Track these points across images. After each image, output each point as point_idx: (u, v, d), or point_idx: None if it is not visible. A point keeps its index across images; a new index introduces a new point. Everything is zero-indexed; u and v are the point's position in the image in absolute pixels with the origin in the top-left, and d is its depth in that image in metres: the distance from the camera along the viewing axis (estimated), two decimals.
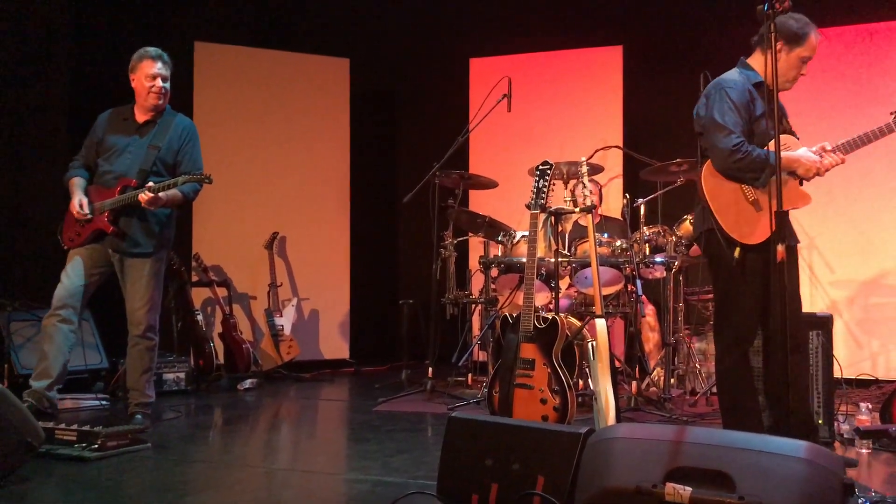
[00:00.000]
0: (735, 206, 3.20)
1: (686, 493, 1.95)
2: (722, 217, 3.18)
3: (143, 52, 4.11)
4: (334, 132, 6.92)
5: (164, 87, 4.11)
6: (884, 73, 5.78)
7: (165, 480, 3.11)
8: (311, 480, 3.19)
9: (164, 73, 4.11)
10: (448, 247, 5.47)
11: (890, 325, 5.66)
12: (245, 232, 6.49)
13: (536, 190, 3.83)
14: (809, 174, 3.24)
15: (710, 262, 3.35)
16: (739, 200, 3.19)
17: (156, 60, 4.08)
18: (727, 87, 3.27)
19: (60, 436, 3.44)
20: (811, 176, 3.24)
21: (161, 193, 3.90)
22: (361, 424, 4.39)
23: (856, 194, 5.68)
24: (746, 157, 3.14)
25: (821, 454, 1.96)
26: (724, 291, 3.31)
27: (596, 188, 5.65)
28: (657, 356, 5.19)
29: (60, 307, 4.00)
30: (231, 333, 6.00)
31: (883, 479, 3.27)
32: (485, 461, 2.47)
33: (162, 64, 4.10)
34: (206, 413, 4.86)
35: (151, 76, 4.07)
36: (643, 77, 6.64)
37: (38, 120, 5.98)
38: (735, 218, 3.18)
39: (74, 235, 4.09)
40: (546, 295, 4.93)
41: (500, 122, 5.80)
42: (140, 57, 4.10)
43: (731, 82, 3.30)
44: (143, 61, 4.08)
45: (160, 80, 4.09)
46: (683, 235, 4.95)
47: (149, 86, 4.08)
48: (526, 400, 3.57)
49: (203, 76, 6.50)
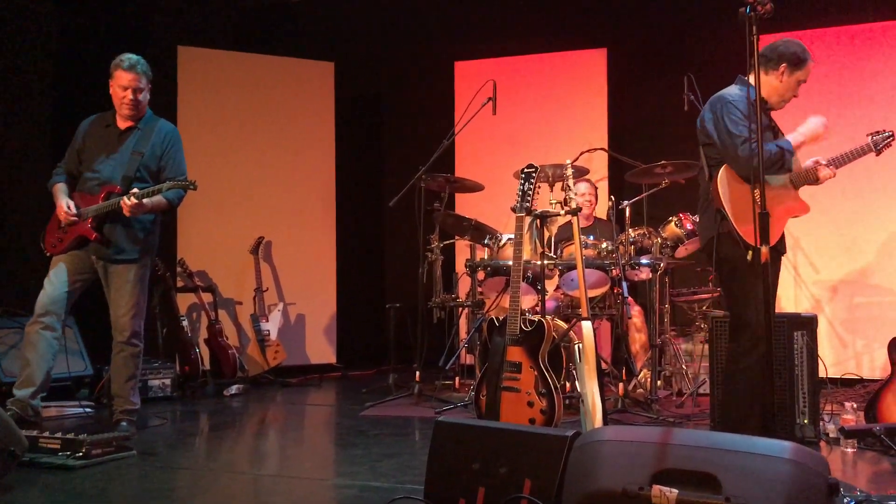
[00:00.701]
0: (750, 212, 3.26)
1: (672, 496, 1.95)
2: (738, 222, 3.30)
3: (118, 60, 4.02)
4: (319, 136, 6.91)
5: (133, 100, 4.02)
6: (866, 73, 5.84)
7: (151, 488, 3.09)
8: (298, 486, 3.18)
9: (137, 84, 4.01)
10: (434, 250, 5.47)
11: (874, 325, 5.70)
12: (230, 237, 6.46)
13: (522, 193, 3.84)
14: (824, 181, 3.52)
15: (722, 265, 3.43)
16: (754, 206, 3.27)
17: (128, 72, 3.99)
18: (733, 101, 3.42)
19: (44, 444, 3.41)
20: (823, 182, 3.51)
21: (146, 200, 3.87)
22: (349, 429, 4.38)
23: (839, 195, 5.71)
24: (766, 158, 3.22)
25: (806, 455, 1.98)
26: (739, 292, 3.38)
27: (592, 189, 5.68)
28: (644, 357, 5.21)
29: (43, 314, 3.96)
30: (217, 339, 5.97)
31: (868, 478, 3.30)
32: (472, 465, 2.47)
33: (135, 75, 4.00)
34: (192, 419, 4.83)
35: (123, 87, 4.00)
36: (627, 79, 6.67)
37: (21, 126, 5.94)
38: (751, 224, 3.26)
39: (57, 242, 4.06)
40: (532, 298, 4.93)
41: (486, 126, 5.81)
42: (115, 66, 4.01)
43: (735, 96, 3.45)
44: (117, 71, 4.01)
45: (131, 92, 4.00)
46: (669, 237, 4.97)
47: (121, 97, 4.03)
48: (513, 403, 3.57)
49: (187, 81, 6.47)
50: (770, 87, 3.48)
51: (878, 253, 5.77)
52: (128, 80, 4.01)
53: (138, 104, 4.06)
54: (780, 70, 3.47)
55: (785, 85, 3.48)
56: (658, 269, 4.82)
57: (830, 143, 3.64)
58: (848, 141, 5.63)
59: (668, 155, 4.91)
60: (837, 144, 3.68)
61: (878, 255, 5.76)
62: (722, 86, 3.67)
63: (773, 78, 3.48)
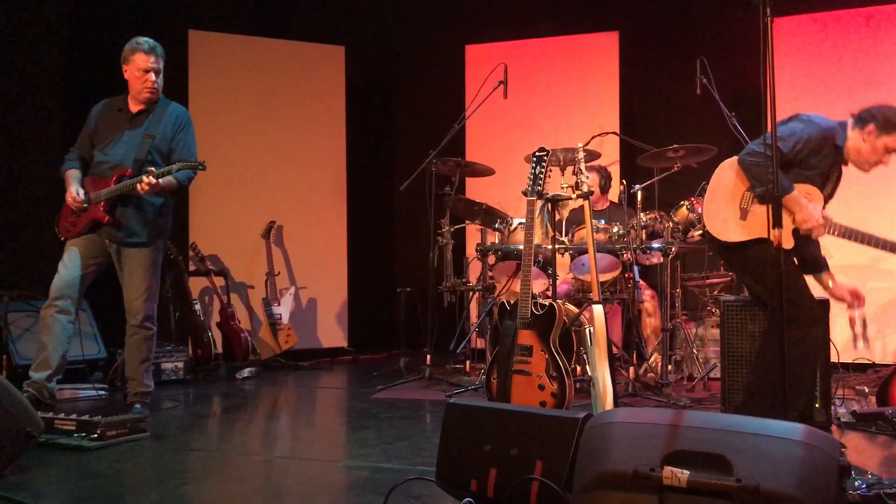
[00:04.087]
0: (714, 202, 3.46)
1: (684, 477, 1.96)
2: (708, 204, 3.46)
3: (135, 44, 4.04)
4: (330, 120, 6.91)
5: (156, 82, 4.08)
6: (881, 57, 5.77)
7: (165, 469, 3.12)
8: (310, 468, 3.20)
9: (156, 66, 4.06)
10: (445, 234, 5.47)
11: (886, 310, 5.68)
12: (242, 221, 6.48)
13: (533, 177, 3.83)
14: (804, 225, 3.41)
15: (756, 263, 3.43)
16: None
17: (149, 54, 4.02)
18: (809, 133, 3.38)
19: (60, 425, 3.45)
20: (804, 228, 3.42)
21: (161, 179, 3.90)
22: (360, 412, 4.40)
23: (852, 178, 5.65)
24: (760, 166, 3.26)
25: (818, 437, 1.97)
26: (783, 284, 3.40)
27: (596, 177, 5.64)
28: (655, 342, 5.20)
29: (58, 298, 3.99)
30: (229, 322, 6.01)
31: (879, 462, 3.29)
32: (483, 447, 2.48)
33: (155, 57, 4.04)
34: (205, 402, 4.87)
35: (144, 70, 4.03)
36: (639, 63, 6.63)
37: (33, 110, 5.96)
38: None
39: (70, 226, 4.09)
40: (543, 282, 4.93)
41: (497, 109, 5.79)
42: (133, 49, 4.04)
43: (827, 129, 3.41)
44: (136, 54, 4.03)
45: (153, 74, 4.05)
46: (680, 221, 4.95)
47: (142, 80, 4.05)
48: (524, 386, 3.58)
49: (198, 65, 6.48)
50: (854, 145, 3.45)
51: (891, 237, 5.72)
52: (149, 63, 4.04)
53: (160, 86, 4.09)
54: (868, 130, 3.41)
55: (871, 147, 3.43)
56: (669, 253, 4.80)
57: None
58: None
59: (681, 139, 4.88)
60: None
61: None
62: (734, 68, 3.65)
63: (859, 136, 3.44)
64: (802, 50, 5.79)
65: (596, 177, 5.59)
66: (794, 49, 5.89)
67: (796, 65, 5.87)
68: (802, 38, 5.87)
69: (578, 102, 6.57)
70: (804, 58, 5.75)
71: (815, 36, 5.92)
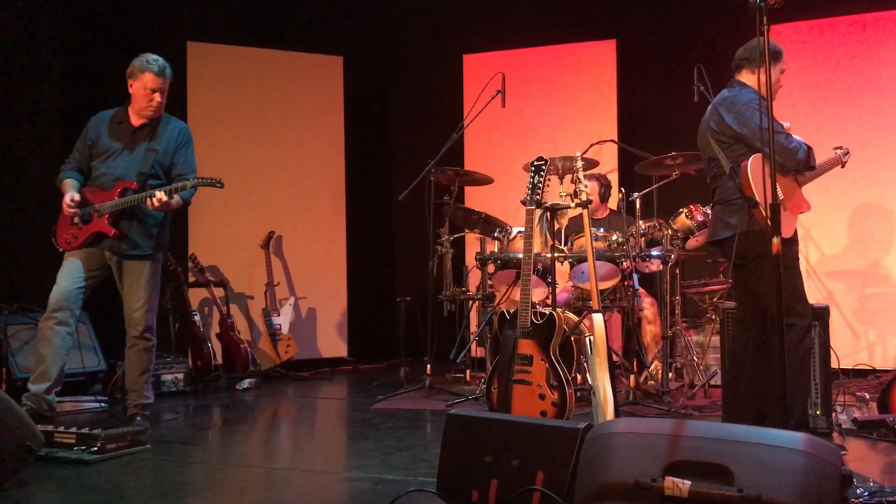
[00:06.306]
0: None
1: (685, 487, 1.95)
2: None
3: (145, 63, 4.05)
4: (329, 130, 6.91)
5: (160, 103, 4.11)
6: (877, 62, 5.79)
7: (165, 482, 3.11)
8: (310, 479, 3.19)
9: (164, 87, 4.10)
10: (444, 244, 5.47)
11: (886, 315, 5.68)
12: (241, 232, 6.48)
13: (532, 186, 3.83)
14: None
15: (755, 262, 3.48)
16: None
17: (158, 76, 4.05)
18: (753, 101, 3.51)
19: (60, 438, 3.44)
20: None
21: (172, 198, 3.92)
22: (360, 422, 4.39)
23: (850, 185, 5.68)
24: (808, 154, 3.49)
25: (819, 446, 1.97)
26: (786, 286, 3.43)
27: (595, 184, 5.64)
28: (655, 349, 5.20)
29: (57, 310, 3.98)
30: (229, 333, 6.00)
31: (881, 469, 3.29)
32: (484, 457, 2.48)
33: (164, 80, 4.08)
34: (205, 414, 4.86)
35: (151, 90, 4.06)
36: (637, 71, 6.64)
37: (31, 121, 5.96)
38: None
39: (71, 238, 4.07)
40: (543, 290, 4.93)
41: (495, 118, 5.80)
42: (143, 68, 4.04)
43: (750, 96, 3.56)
44: (146, 73, 4.04)
45: (159, 94, 4.08)
46: (679, 229, 4.96)
47: (148, 99, 4.07)
48: (524, 395, 3.57)
49: (196, 76, 6.48)
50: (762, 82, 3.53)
51: (889, 243, 5.74)
52: (157, 84, 4.06)
53: (162, 106, 4.12)
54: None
55: (773, 78, 3.51)
56: (669, 260, 4.81)
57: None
58: (856, 129, 5.64)
59: (679, 146, 4.88)
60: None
61: (889, 246, 5.73)
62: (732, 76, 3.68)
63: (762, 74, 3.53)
64: (799, 56, 5.79)
65: (595, 185, 5.59)
66: (791, 55, 5.88)
67: (793, 71, 5.87)
68: (800, 45, 5.88)
69: (576, 111, 6.58)
70: (801, 64, 5.75)
71: (811, 42, 5.94)
